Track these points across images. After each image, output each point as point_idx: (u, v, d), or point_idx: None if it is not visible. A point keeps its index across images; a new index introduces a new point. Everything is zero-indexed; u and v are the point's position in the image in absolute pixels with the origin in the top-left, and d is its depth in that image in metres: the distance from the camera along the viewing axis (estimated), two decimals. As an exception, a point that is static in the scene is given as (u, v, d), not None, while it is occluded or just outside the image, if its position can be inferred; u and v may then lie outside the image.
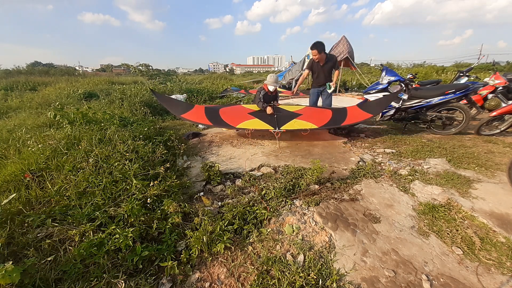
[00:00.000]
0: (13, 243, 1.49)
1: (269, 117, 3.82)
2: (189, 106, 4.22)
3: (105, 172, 2.13)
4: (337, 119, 3.72)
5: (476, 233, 1.73)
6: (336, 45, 9.98)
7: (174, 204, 1.75)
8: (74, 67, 29.73)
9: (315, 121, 3.67)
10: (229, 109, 4.26)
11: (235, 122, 3.70)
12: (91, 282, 1.27)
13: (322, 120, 3.73)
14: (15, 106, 5.80)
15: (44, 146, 2.49)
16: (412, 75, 6.87)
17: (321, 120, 3.71)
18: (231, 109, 4.36)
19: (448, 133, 3.97)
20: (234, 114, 3.98)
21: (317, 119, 3.75)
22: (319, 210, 1.99)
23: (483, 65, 15.45)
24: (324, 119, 3.76)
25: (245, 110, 4.20)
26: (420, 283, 1.37)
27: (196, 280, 1.39)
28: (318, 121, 3.68)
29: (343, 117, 3.76)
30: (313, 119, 3.72)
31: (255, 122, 3.72)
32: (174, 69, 39.42)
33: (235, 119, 3.77)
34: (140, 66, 9.91)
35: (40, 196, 1.89)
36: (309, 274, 1.37)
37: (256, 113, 4.01)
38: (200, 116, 3.84)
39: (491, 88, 4.33)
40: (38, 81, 10.59)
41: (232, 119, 3.76)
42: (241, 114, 3.98)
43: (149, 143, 2.89)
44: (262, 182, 2.47)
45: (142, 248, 1.45)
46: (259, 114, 3.95)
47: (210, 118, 3.76)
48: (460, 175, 2.55)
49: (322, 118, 3.79)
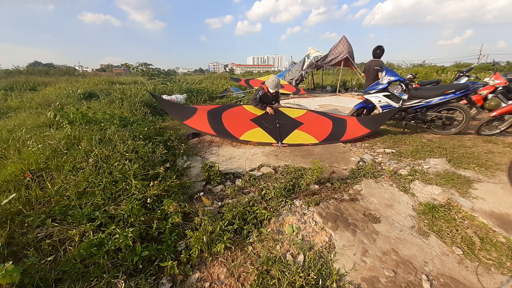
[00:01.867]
0: (13, 243, 1.49)
1: (271, 126, 3.85)
2: (191, 111, 4.00)
3: (105, 172, 2.13)
4: (337, 133, 3.88)
5: (476, 233, 1.73)
6: (336, 45, 9.98)
7: (174, 204, 1.75)
8: (74, 67, 29.73)
9: (316, 133, 3.80)
10: (232, 113, 4.11)
11: (238, 131, 3.69)
12: (91, 282, 1.27)
13: (322, 132, 3.85)
14: (15, 106, 5.81)
15: (44, 146, 2.49)
16: (412, 75, 6.87)
17: (322, 133, 3.83)
18: (234, 113, 4.18)
19: (448, 133, 3.97)
20: (236, 120, 3.92)
21: (318, 130, 3.89)
22: (319, 210, 1.99)
23: (483, 65, 15.43)
24: (325, 131, 3.89)
25: (247, 114, 4.12)
26: (420, 283, 1.37)
27: (196, 280, 1.39)
28: (319, 133, 3.81)
29: (343, 131, 3.94)
30: (314, 131, 3.86)
31: (257, 132, 3.73)
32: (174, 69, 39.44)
33: (238, 127, 3.76)
34: (141, 66, 9.88)
35: (40, 196, 1.89)
36: (309, 274, 1.37)
37: (258, 120, 3.99)
38: (203, 123, 3.73)
39: (491, 88, 4.33)
40: (38, 81, 10.59)
41: (235, 127, 3.74)
42: (243, 121, 3.93)
43: (149, 143, 2.89)
44: (262, 182, 2.47)
45: (142, 248, 1.45)
46: (260, 121, 3.94)
47: (213, 126, 3.68)
48: (460, 175, 2.55)
49: (323, 130, 3.93)
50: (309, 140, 3.64)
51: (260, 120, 3.98)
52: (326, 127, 4.00)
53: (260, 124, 3.88)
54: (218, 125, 3.73)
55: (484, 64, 15.51)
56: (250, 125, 3.88)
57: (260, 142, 3.55)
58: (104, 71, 42.06)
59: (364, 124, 4.05)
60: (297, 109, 4.52)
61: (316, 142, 3.62)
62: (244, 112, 4.19)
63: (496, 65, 7.21)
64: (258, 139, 3.57)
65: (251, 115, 4.09)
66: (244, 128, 3.78)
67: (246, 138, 3.59)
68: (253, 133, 3.69)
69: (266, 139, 3.60)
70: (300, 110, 4.50)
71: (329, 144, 3.64)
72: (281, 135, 3.67)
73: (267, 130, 3.77)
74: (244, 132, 3.68)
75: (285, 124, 3.95)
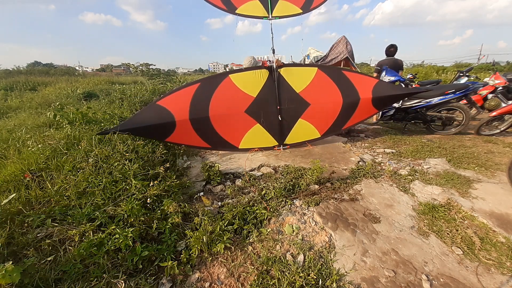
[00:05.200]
0: (13, 243, 1.49)
1: (273, 117, 3.28)
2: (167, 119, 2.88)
3: (105, 172, 2.13)
4: (343, 118, 3.47)
5: (476, 233, 1.73)
6: (336, 45, 9.97)
7: (174, 204, 1.75)
8: (74, 67, 29.71)
9: (321, 122, 3.46)
10: (220, 107, 3.11)
11: (235, 135, 3.29)
12: (91, 282, 1.27)
13: (328, 119, 3.47)
14: (15, 106, 5.80)
15: (44, 146, 2.49)
16: (412, 75, 6.87)
17: (327, 120, 3.48)
18: (222, 103, 3.12)
19: (448, 133, 3.97)
20: (229, 118, 3.19)
21: (324, 116, 3.45)
22: (319, 210, 1.99)
23: (483, 65, 15.46)
24: (330, 117, 3.46)
25: (240, 99, 3.20)
26: (420, 283, 1.37)
27: (196, 280, 1.39)
28: (324, 122, 3.47)
29: (350, 114, 3.47)
30: (320, 118, 3.44)
31: (257, 131, 3.31)
32: (174, 69, 39.41)
33: (234, 128, 3.26)
34: (141, 66, 9.88)
35: (40, 196, 1.89)
36: (309, 274, 1.37)
37: (255, 107, 3.21)
38: (190, 135, 3.08)
39: (491, 88, 4.33)
40: (38, 81, 10.57)
41: (230, 130, 3.24)
42: (238, 116, 3.21)
43: (149, 143, 2.88)
44: (262, 182, 2.47)
45: (142, 248, 1.45)
46: (259, 111, 3.23)
47: (204, 137, 3.15)
48: (460, 175, 2.55)
49: (329, 114, 3.46)
50: (311, 135, 3.48)
51: (258, 109, 3.23)
52: (334, 109, 3.42)
53: (258, 117, 3.26)
54: (209, 133, 3.14)
55: (484, 64, 15.52)
56: (247, 121, 3.27)
57: (261, 148, 3.37)
58: (104, 71, 42.03)
59: (375, 102, 3.42)
60: (305, 70, 3.42)
61: (318, 136, 3.50)
62: (235, 95, 3.18)
63: (496, 65, 7.21)
64: (259, 142, 3.35)
65: (245, 101, 3.22)
66: (241, 128, 3.30)
67: (246, 144, 3.32)
68: (253, 134, 3.32)
69: (267, 141, 3.39)
70: (308, 73, 3.36)
71: (331, 136, 3.62)
72: (283, 131, 3.39)
73: (268, 127, 3.34)
74: (242, 135, 3.31)
75: (288, 109, 3.31)
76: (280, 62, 3.23)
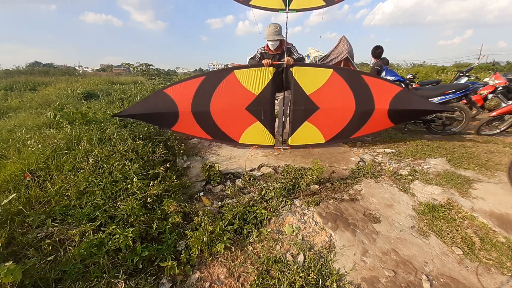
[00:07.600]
0: (13, 243, 1.49)
1: (271, 115, 3.18)
2: (171, 108, 3.03)
3: (105, 172, 2.13)
4: (352, 127, 3.24)
5: (476, 233, 1.73)
6: (336, 45, 9.97)
7: (174, 204, 1.75)
8: (74, 67, 29.71)
9: (327, 128, 3.28)
10: (222, 103, 3.09)
11: (235, 130, 3.29)
12: (91, 282, 1.27)
13: (335, 127, 3.27)
14: (15, 106, 5.80)
15: (44, 146, 2.49)
16: (412, 75, 6.87)
17: (334, 128, 3.28)
18: (224, 100, 3.09)
19: (448, 133, 3.97)
20: (230, 113, 3.18)
21: (332, 123, 3.26)
22: (319, 210, 1.99)
23: (483, 65, 15.43)
24: (338, 125, 3.26)
25: (241, 96, 3.11)
26: (420, 283, 1.37)
27: (196, 280, 1.39)
28: (330, 128, 3.28)
29: (360, 124, 3.22)
30: (327, 124, 3.26)
31: (257, 129, 3.23)
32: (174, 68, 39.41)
33: (234, 123, 3.25)
34: (141, 66, 9.89)
35: (40, 196, 1.89)
36: (309, 274, 1.37)
37: (256, 105, 3.12)
38: (193, 126, 3.19)
39: (491, 88, 4.33)
40: (38, 81, 10.59)
41: (230, 124, 3.25)
42: (239, 112, 3.16)
43: (149, 143, 2.88)
44: (262, 182, 2.47)
45: (142, 248, 1.46)
46: (257, 110, 3.14)
47: (206, 128, 3.22)
48: (460, 175, 2.55)
49: (337, 122, 3.25)
50: (315, 139, 3.31)
51: (259, 107, 3.13)
52: (344, 116, 3.19)
53: (259, 115, 3.18)
54: (210, 126, 3.21)
55: (484, 64, 15.50)
56: (247, 118, 3.20)
57: (261, 145, 3.32)
58: (104, 71, 42.01)
59: (392, 115, 3.10)
60: (319, 71, 3.12)
61: (322, 141, 3.32)
62: (238, 91, 3.09)
63: (496, 65, 7.21)
64: (259, 139, 3.30)
65: (247, 97, 3.11)
66: (241, 124, 3.26)
67: (246, 139, 3.31)
68: (253, 131, 3.26)
69: (268, 139, 3.31)
70: (322, 75, 3.07)
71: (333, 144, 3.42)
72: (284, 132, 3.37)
73: (269, 126, 3.25)
74: (242, 131, 3.29)
75: (295, 111, 3.17)
76: (292, 61, 2.98)
